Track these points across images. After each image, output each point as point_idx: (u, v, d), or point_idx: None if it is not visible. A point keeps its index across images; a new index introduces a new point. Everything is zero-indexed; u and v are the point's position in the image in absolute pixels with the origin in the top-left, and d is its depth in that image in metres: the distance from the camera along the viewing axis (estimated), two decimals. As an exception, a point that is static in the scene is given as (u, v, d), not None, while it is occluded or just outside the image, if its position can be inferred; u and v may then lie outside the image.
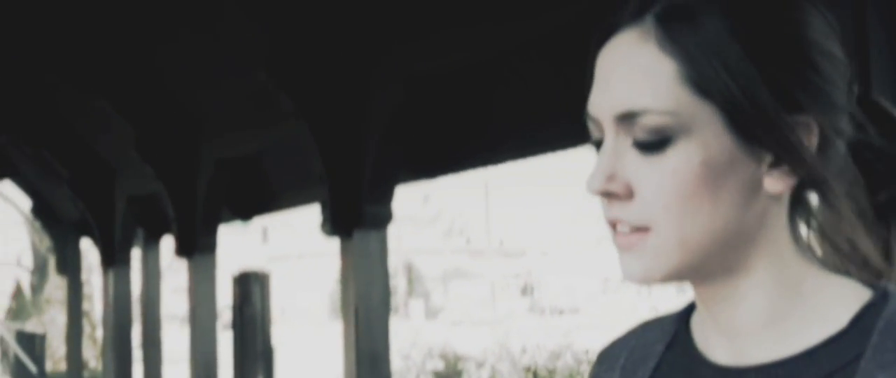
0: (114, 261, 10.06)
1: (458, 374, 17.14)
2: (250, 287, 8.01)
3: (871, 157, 1.02)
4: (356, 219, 5.66)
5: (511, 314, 35.86)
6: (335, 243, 5.88)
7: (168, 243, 8.78)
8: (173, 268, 19.99)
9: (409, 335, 17.96)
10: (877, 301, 0.96)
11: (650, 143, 0.95)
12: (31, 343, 17.20)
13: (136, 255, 10.09)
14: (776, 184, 0.97)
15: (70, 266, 12.13)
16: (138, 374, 9.88)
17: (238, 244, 36.77)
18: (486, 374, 16.84)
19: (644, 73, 0.96)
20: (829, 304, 0.98)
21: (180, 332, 13.19)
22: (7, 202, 17.67)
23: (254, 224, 10.27)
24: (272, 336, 8.05)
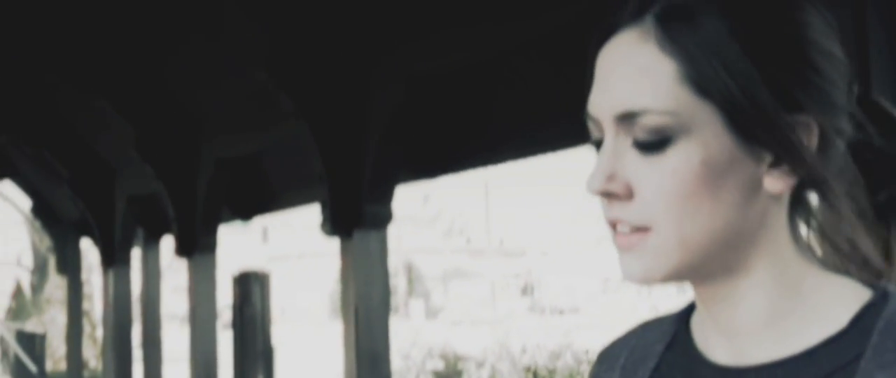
0: (114, 260, 10.06)
1: (458, 374, 17.13)
2: (250, 287, 8.01)
3: (870, 157, 1.02)
4: (356, 219, 5.66)
5: (511, 314, 35.87)
6: (335, 243, 5.87)
7: (168, 243, 8.77)
8: (173, 267, 19.99)
9: (409, 335, 17.95)
10: (877, 301, 0.96)
11: (650, 142, 0.95)
12: (32, 343, 17.22)
13: (136, 254, 10.08)
14: (776, 183, 0.97)
15: (70, 266, 12.13)
16: (138, 373, 9.87)
17: (238, 244, 36.77)
18: (486, 373, 16.83)
19: (644, 73, 0.96)
20: (829, 303, 0.98)
21: (180, 331, 13.18)
22: (7, 202, 17.65)
23: (254, 224, 10.28)
24: (272, 336, 8.05)
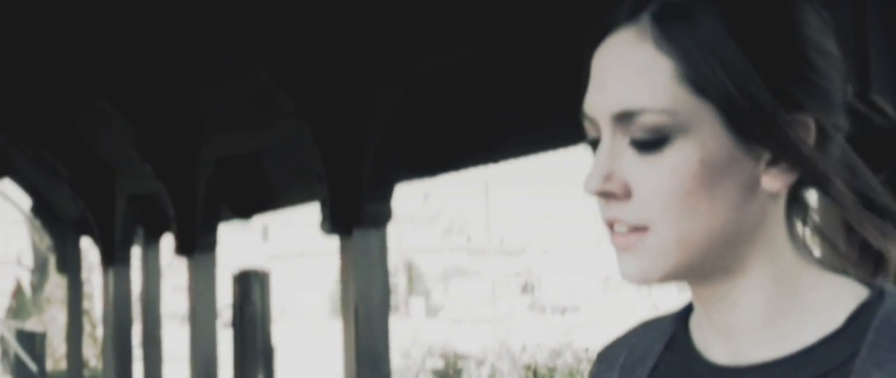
0: (114, 259, 10.05)
1: (459, 373, 17.12)
2: (250, 286, 8.01)
3: (867, 154, 1.02)
4: (356, 217, 5.66)
5: (511, 312, 35.89)
6: (335, 242, 5.87)
7: (168, 242, 8.77)
8: (173, 266, 20.00)
9: (410, 333, 17.93)
10: (873, 300, 0.97)
11: (648, 142, 0.95)
12: (32, 342, 17.21)
13: (136, 253, 10.08)
14: (774, 182, 0.97)
15: (70, 265, 12.13)
16: (138, 372, 9.87)
17: (238, 243, 36.76)
18: (486, 372, 16.82)
19: (641, 72, 0.95)
20: (826, 302, 0.98)
21: (180, 330, 13.19)
22: (7, 201, 17.66)
23: (254, 222, 10.27)
24: (272, 335, 8.05)
